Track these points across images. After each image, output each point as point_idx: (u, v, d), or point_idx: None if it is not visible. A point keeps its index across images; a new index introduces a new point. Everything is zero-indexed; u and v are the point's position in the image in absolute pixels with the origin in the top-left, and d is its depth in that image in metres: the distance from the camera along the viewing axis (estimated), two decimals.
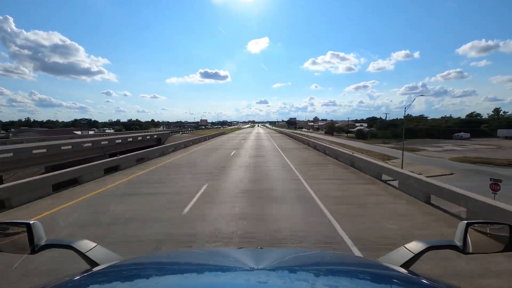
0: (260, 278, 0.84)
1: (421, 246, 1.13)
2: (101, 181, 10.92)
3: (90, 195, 8.65)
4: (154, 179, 11.11)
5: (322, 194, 8.36)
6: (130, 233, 5.48)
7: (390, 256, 1.20)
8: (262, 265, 0.95)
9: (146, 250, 4.67)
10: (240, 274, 0.90)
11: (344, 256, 1.81)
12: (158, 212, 6.88)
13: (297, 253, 1.41)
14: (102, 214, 6.76)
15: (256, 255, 1.20)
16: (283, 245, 4.92)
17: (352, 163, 14.09)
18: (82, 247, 1.17)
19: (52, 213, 6.98)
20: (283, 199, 7.94)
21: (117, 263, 1.08)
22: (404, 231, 5.53)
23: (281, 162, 16.17)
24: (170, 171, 13.12)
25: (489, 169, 29.84)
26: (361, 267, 1.13)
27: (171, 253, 2.15)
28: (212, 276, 0.95)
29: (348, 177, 11.26)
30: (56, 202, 7.88)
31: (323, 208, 7.01)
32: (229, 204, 7.50)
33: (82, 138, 35.69)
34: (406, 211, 6.88)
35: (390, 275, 0.96)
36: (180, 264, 1.16)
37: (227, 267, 1.02)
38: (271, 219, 6.24)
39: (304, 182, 10.26)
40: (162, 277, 0.94)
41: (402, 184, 8.95)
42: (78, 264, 1.23)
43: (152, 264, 1.17)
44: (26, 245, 1.10)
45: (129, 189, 9.50)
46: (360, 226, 5.76)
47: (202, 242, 5.03)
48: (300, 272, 0.98)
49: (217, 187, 9.50)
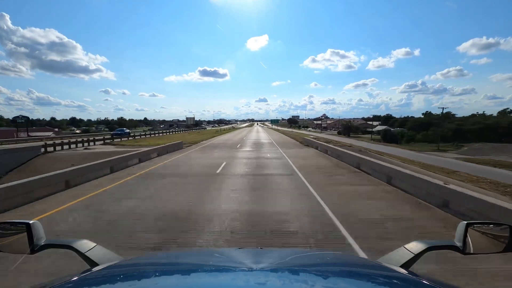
0: (260, 278, 0.84)
1: (421, 247, 1.13)
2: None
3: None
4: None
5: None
6: None
7: (390, 256, 1.19)
8: (262, 265, 0.95)
9: None
10: (240, 274, 0.89)
11: (344, 257, 1.81)
12: None
13: (297, 254, 1.42)
14: None
15: (256, 255, 1.19)
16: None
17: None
18: (81, 247, 1.16)
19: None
20: None
21: (116, 263, 1.08)
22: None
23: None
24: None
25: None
26: (361, 268, 1.12)
27: (171, 253, 2.28)
28: (211, 276, 0.95)
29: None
30: None
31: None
32: None
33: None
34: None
35: (390, 275, 0.97)
36: (180, 264, 1.16)
37: (226, 267, 1.03)
38: None
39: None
40: (161, 277, 0.93)
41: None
42: (78, 264, 1.19)
43: (152, 264, 1.16)
44: (26, 245, 1.09)
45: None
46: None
47: None
48: (300, 272, 0.97)
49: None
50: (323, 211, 6.14)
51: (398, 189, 8.15)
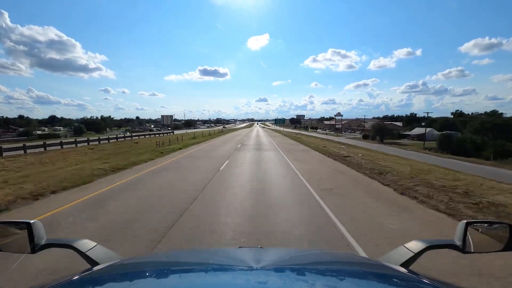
0: (260, 278, 0.83)
1: (421, 246, 1.12)
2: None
3: None
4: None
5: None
6: None
7: (390, 255, 1.19)
8: (262, 264, 0.94)
9: None
10: (240, 274, 0.89)
11: (344, 256, 1.81)
12: None
13: (297, 253, 1.43)
14: None
15: (256, 254, 1.18)
16: None
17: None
18: (82, 246, 1.16)
19: None
20: None
21: (117, 263, 1.08)
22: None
23: None
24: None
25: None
26: (360, 267, 1.12)
27: (171, 253, 2.18)
28: (212, 276, 0.94)
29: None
30: None
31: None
32: None
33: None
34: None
35: (390, 274, 0.96)
36: (180, 263, 1.15)
37: (227, 267, 1.03)
38: None
39: None
40: (162, 277, 0.92)
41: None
42: (79, 264, 1.22)
43: (152, 263, 1.16)
44: (26, 245, 1.09)
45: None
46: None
47: None
48: (300, 271, 0.96)
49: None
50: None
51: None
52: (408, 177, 9.47)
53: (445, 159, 27.86)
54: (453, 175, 10.75)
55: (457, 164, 23.54)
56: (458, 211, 5.84)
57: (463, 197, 6.89)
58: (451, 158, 30.07)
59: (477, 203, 6.30)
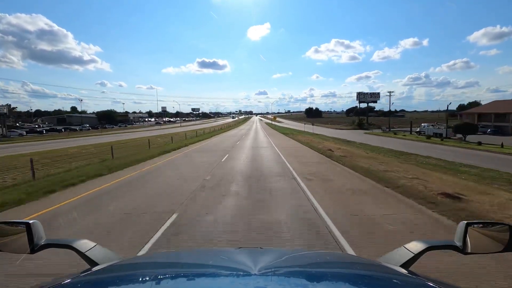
0: (259, 280, 0.84)
1: (421, 246, 1.13)
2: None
3: None
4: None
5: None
6: None
7: (390, 256, 1.19)
8: (261, 265, 0.94)
9: None
10: (239, 275, 0.90)
11: (344, 256, 1.86)
12: None
13: (297, 253, 1.46)
14: None
15: (255, 255, 1.17)
16: None
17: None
18: (81, 246, 1.16)
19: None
20: None
21: (116, 263, 1.09)
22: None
23: None
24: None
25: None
26: (361, 268, 1.12)
27: (171, 253, 2.25)
28: (211, 277, 0.94)
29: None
30: None
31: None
32: None
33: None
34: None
35: (390, 275, 0.97)
36: (180, 264, 1.16)
37: (226, 268, 1.04)
38: None
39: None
40: (161, 277, 0.92)
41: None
42: (78, 264, 1.09)
43: (152, 264, 1.17)
44: (26, 245, 1.10)
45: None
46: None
47: None
48: (299, 272, 0.98)
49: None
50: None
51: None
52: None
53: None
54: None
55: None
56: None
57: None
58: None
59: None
